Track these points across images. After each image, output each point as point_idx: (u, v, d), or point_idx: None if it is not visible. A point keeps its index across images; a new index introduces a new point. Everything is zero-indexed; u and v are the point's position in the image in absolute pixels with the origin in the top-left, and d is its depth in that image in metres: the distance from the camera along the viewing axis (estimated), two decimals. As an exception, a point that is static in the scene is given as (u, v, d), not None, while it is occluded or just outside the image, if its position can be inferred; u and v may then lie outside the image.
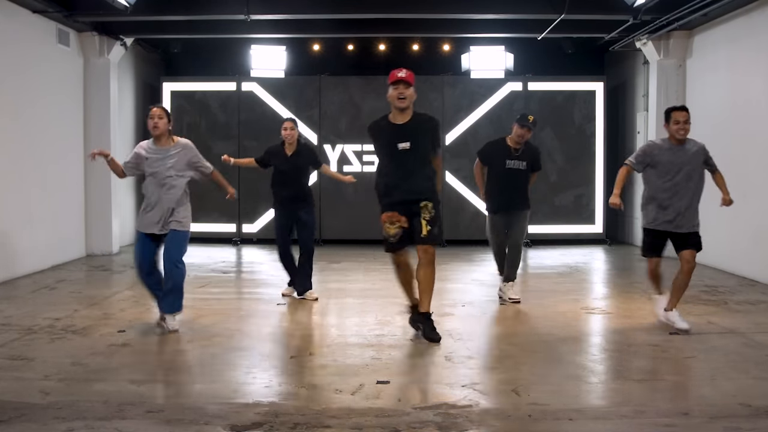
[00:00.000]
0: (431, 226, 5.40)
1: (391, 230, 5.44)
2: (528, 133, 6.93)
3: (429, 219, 5.40)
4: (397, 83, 5.45)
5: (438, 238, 5.49)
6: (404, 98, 5.45)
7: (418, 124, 5.54)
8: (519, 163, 6.92)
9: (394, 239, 5.46)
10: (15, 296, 7.30)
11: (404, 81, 5.45)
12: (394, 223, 5.43)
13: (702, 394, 4.28)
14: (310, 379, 4.56)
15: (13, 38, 8.50)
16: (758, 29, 8.34)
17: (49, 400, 4.08)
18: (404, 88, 5.44)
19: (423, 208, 5.40)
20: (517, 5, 9.61)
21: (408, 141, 5.43)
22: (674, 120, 5.89)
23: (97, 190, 10.59)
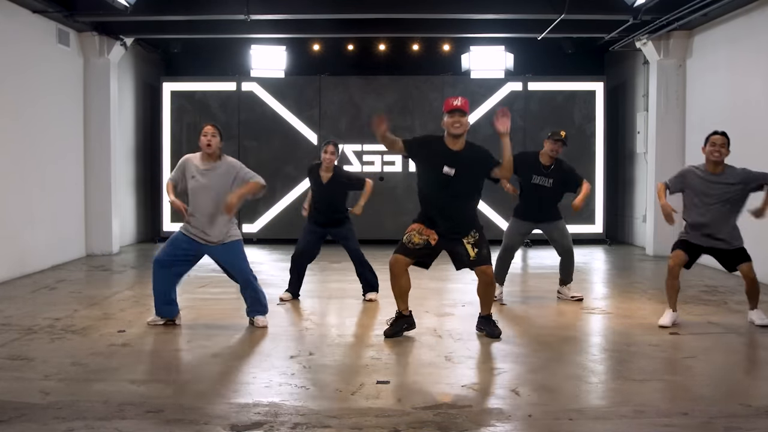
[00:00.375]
0: (478, 248, 5.46)
1: (417, 238, 5.45)
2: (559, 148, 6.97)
3: (474, 242, 5.45)
4: (453, 112, 5.41)
5: (487, 258, 5.51)
6: (459, 126, 5.41)
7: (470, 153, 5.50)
8: (545, 180, 6.96)
9: (413, 246, 5.44)
10: (15, 296, 7.30)
11: (459, 110, 5.42)
12: (422, 234, 5.45)
13: (702, 394, 4.28)
14: (310, 379, 4.56)
15: (13, 38, 8.50)
16: (758, 29, 8.34)
17: (49, 400, 4.08)
18: (460, 116, 5.41)
19: (466, 237, 5.47)
20: (517, 5, 9.61)
21: (453, 168, 5.39)
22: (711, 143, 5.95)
23: (97, 190, 10.60)
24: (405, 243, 5.48)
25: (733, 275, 8.63)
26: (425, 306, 6.85)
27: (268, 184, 7.46)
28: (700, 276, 8.63)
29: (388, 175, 11.85)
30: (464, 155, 5.46)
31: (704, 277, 8.57)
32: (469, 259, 5.47)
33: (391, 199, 11.71)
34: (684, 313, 6.42)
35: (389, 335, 5.56)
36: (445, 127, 5.48)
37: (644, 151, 11.39)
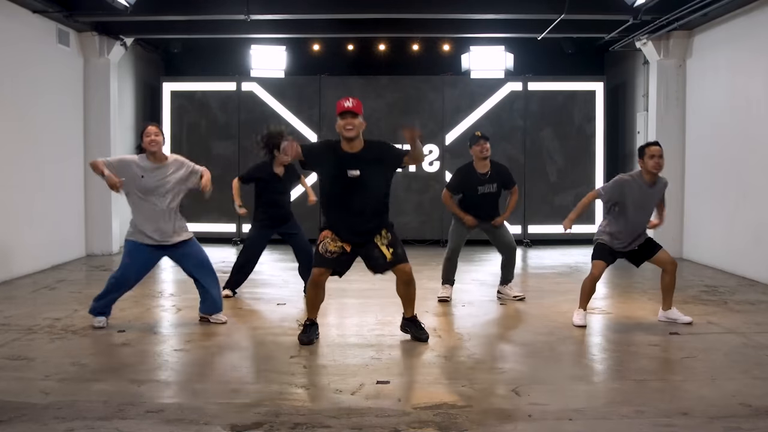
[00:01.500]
0: (393, 248, 5.36)
1: (332, 246, 5.29)
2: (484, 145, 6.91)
3: (387, 243, 5.36)
4: (345, 114, 5.21)
5: (403, 256, 5.40)
6: (352, 128, 5.22)
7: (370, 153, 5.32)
8: (490, 186, 6.94)
9: (330, 256, 5.29)
10: (15, 296, 7.30)
11: (351, 111, 5.21)
12: (336, 242, 5.31)
13: (702, 394, 4.28)
14: (310, 379, 4.56)
15: (13, 38, 8.50)
16: (758, 29, 8.34)
17: (49, 400, 4.08)
18: (351, 118, 5.21)
19: (377, 237, 5.36)
20: (517, 5, 9.61)
21: (357, 169, 5.23)
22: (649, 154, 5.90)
23: (97, 190, 10.56)
24: (322, 253, 5.30)
25: (733, 275, 8.66)
26: (425, 306, 6.84)
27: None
28: (700, 276, 8.64)
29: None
30: (364, 155, 5.29)
31: (704, 277, 8.58)
32: (386, 260, 5.34)
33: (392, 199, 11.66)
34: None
35: (306, 342, 5.38)
36: (338, 131, 5.29)
37: (644, 150, 11.37)
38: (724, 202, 9.06)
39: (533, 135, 11.99)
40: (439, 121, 12.04)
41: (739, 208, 8.79)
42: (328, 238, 5.32)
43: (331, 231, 5.35)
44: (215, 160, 11.99)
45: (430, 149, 12.01)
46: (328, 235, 5.34)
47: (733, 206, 8.91)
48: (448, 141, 11.97)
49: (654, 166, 5.87)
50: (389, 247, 5.36)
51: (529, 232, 12.03)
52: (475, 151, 6.96)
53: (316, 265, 5.38)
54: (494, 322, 6.46)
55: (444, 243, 11.77)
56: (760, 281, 8.18)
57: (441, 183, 11.97)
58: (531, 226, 12.04)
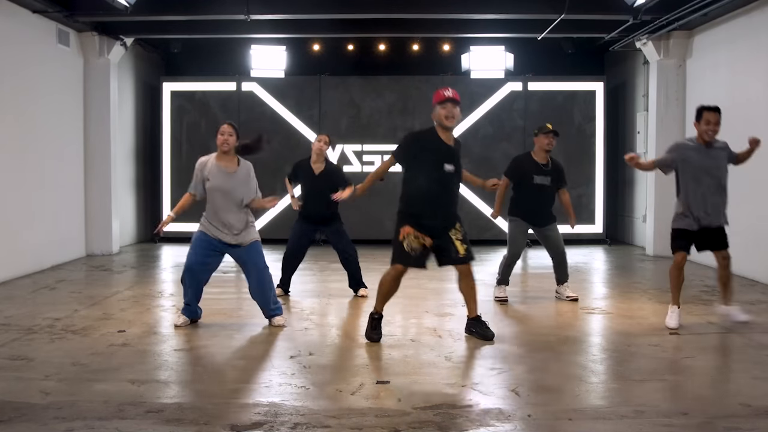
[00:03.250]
0: (466, 244, 5.45)
1: (415, 243, 5.26)
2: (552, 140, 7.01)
3: (461, 238, 5.44)
4: (445, 103, 5.24)
5: (473, 255, 5.52)
6: (453, 117, 5.27)
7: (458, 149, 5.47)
8: (545, 178, 6.98)
9: (415, 253, 5.26)
10: (15, 296, 7.30)
11: (452, 100, 5.26)
12: (418, 238, 5.27)
13: (702, 394, 4.28)
14: (310, 379, 4.56)
15: (13, 38, 8.50)
16: (758, 29, 8.34)
17: (49, 400, 4.08)
18: (452, 107, 5.24)
19: (455, 230, 5.44)
20: (517, 5, 9.61)
21: (452, 164, 5.33)
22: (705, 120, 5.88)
23: (97, 190, 10.60)
24: (407, 252, 5.24)
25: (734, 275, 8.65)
26: (425, 306, 6.85)
27: (268, 184, 7.50)
28: (700, 276, 8.64)
29: (388, 175, 11.63)
30: (456, 150, 5.43)
31: (704, 277, 8.58)
32: (458, 255, 5.39)
33: (391, 199, 11.61)
34: (684, 313, 6.41)
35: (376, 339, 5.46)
36: (437, 119, 5.30)
37: (644, 151, 11.38)
38: (724, 202, 9.05)
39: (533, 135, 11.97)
40: (439, 121, 12.01)
41: (739, 208, 8.77)
42: (411, 235, 5.24)
43: (412, 226, 5.25)
44: (215, 160, 12.00)
45: (430, 149, 12.01)
46: (411, 232, 5.24)
47: (733, 206, 8.88)
48: (448, 141, 11.95)
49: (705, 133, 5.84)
50: (463, 243, 5.43)
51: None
52: (540, 142, 7.03)
53: (399, 261, 5.32)
54: (494, 322, 6.44)
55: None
56: (760, 281, 8.18)
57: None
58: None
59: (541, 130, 7.06)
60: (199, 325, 6.01)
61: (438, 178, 5.29)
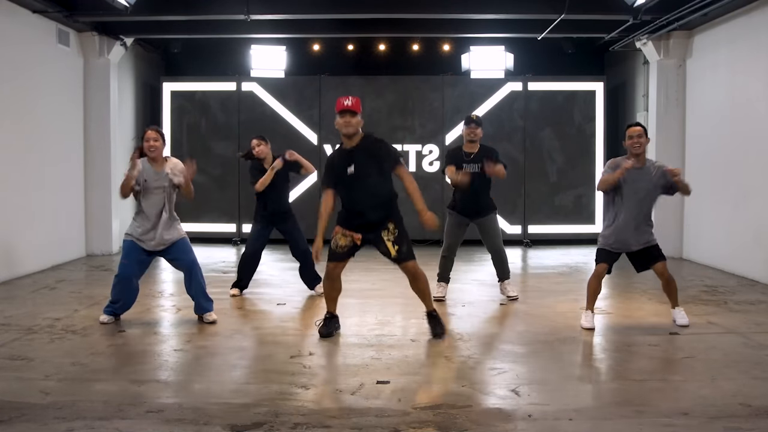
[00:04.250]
0: (398, 245, 5.48)
1: (342, 241, 5.54)
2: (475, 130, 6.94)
3: (393, 239, 5.48)
4: (344, 113, 5.44)
5: (409, 254, 5.53)
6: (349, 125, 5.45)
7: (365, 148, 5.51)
8: (474, 166, 6.91)
9: (341, 250, 5.54)
10: (15, 296, 7.30)
11: (350, 110, 5.43)
12: (347, 236, 5.52)
13: (702, 394, 4.28)
14: (310, 379, 4.56)
15: (13, 38, 8.50)
16: (758, 29, 8.34)
17: (49, 400, 4.08)
18: (350, 116, 5.43)
19: (386, 230, 5.49)
20: (517, 5, 9.61)
21: (353, 165, 5.44)
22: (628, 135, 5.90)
23: (97, 190, 10.60)
24: (333, 249, 5.56)
25: (733, 275, 8.66)
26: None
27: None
28: (700, 276, 8.64)
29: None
30: (359, 150, 5.48)
31: (704, 277, 8.58)
32: (390, 257, 5.52)
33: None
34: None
35: (325, 335, 5.62)
36: (337, 128, 5.54)
37: (644, 151, 11.38)
38: (724, 202, 9.06)
39: (533, 135, 11.98)
40: (439, 121, 12.04)
41: (739, 208, 8.79)
42: (339, 234, 5.56)
43: (341, 226, 5.57)
44: (215, 160, 12.00)
45: (430, 149, 12.02)
46: (339, 231, 5.57)
47: (733, 206, 8.91)
48: (448, 141, 11.96)
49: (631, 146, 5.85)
50: (395, 244, 5.49)
51: (529, 232, 12.03)
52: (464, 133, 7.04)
53: (328, 260, 5.63)
54: (494, 322, 6.46)
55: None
56: (760, 281, 8.18)
57: (441, 183, 11.99)
58: (531, 226, 12.04)
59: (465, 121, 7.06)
60: (199, 325, 6.01)
61: (346, 182, 5.48)
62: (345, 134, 5.49)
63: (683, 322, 5.99)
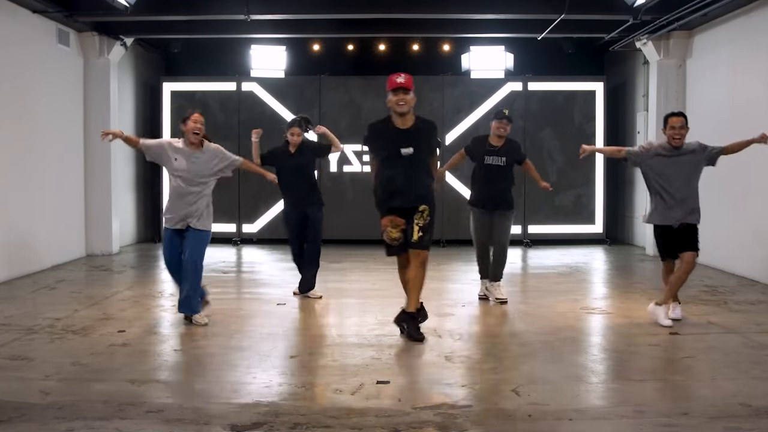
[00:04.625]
0: (423, 233, 5.46)
1: (394, 234, 5.45)
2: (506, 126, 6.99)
3: (422, 225, 5.46)
4: (397, 90, 5.46)
5: (427, 245, 5.52)
6: (404, 104, 5.48)
7: (419, 129, 5.56)
8: (498, 159, 6.97)
9: (396, 242, 5.47)
10: (15, 296, 7.30)
11: (403, 87, 5.46)
12: (396, 227, 5.44)
13: (702, 394, 4.28)
14: (310, 379, 4.56)
15: (13, 38, 8.50)
16: (758, 29, 8.34)
17: (49, 400, 4.08)
18: (404, 94, 5.46)
19: (419, 213, 5.45)
20: (517, 5, 9.61)
21: (411, 146, 5.44)
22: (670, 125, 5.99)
23: (97, 190, 10.60)
24: (389, 244, 5.50)
25: (733, 275, 8.66)
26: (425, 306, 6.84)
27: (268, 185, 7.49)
28: (700, 276, 8.64)
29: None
30: (415, 131, 5.52)
31: (704, 277, 8.58)
32: (411, 239, 5.46)
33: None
34: (684, 313, 6.42)
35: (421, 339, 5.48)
36: (390, 106, 5.54)
37: (644, 151, 11.38)
38: (724, 202, 9.06)
39: (533, 135, 11.98)
40: (439, 121, 11.97)
41: (739, 208, 8.79)
42: (388, 227, 5.44)
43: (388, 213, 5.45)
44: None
45: (430, 149, 12.02)
46: (387, 225, 5.45)
47: (733, 206, 8.90)
48: (449, 141, 11.95)
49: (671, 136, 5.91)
50: (420, 230, 5.46)
51: (529, 232, 12.03)
52: (492, 127, 7.06)
53: (389, 254, 5.60)
54: (494, 322, 6.45)
55: (444, 243, 11.82)
56: (760, 281, 8.18)
57: (441, 183, 11.97)
58: (531, 226, 12.04)
59: (496, 115, 7.11)
60: (199, 325, 6.00)
61: (397, 162, 5.45)
62: (399, 112, 5.47)
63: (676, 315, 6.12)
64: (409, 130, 5.52)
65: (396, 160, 5.45)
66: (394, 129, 5.54)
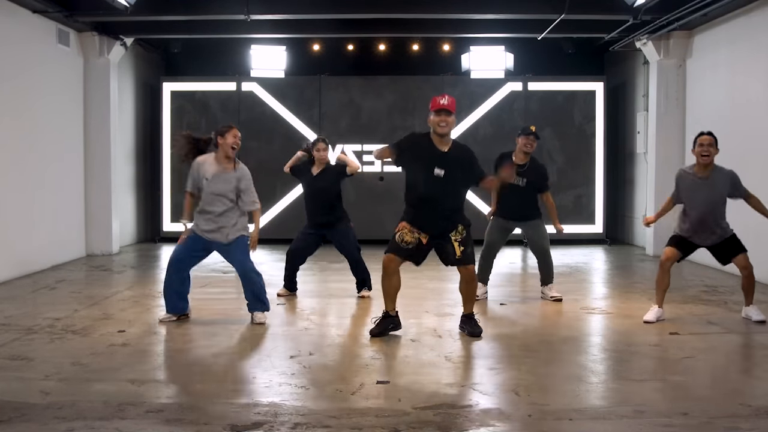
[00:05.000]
0: (464, 247, 5.51)
1: (409, 237, 5.49)
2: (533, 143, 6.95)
3: (461, 240, 5.50)
4: (440, 111, 5.44)
5: (471, 257, 5.58)
6: (446, 125, 5.47)
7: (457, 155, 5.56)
8: (519, 179, 6.86)
9: (405, 246, 5.48)
10: (15, 296, 7.30)
11: (446, 110, 5.45)
12: (413, 233, 5.48)
13: (702, 394, 4.28)
14: (310, 379, 4.56)
15: (13, 38, 8.50)
16: (758, 29, 8.34)
17: (49, 400, 4.08)
18: (446, 116, 5.45)
19: (453, 232, 5.50)
20: (517, 5, 9.61)
21: (443, 169, 5.43)
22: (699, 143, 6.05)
23: (97, 190, 10.60)
24: (398, 242, 5.51)
25: (733, 275, 8.64)
26: (425, 306, 6.85)
27: (269, 185, 7.49)
28: (700, 276, 8.64)
29: (388, 175, 11.85)
30: (452, 156, 5.51)
31: (704, 277, 8.57)
32: (455, 257, 5.52)
33: (392, 199, 11.68)
34: (684, 312, 6.42)
35: (375, 334, 5.59)
36: (431, 126, 5.52)
37: (644, 151, 11.39)
38: (724, 202, 9.05)
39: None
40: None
41: (739, 208, 8.77)
42: (406, 229, 5.50)
43: (410, 224, 5.51)
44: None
45: (430, 149, 12.02)
46: (406, 227, 5.51)
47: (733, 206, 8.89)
48: (448, 141, 11.96)
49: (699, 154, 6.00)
50: (461, 245, 5.51)
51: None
52: (519, 142, 7.01)
53: (388, 251, 5.55)
54: (494, 323, 6.45)
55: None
56: (760, 281, 8.16)
57: (441, 183, 11.98)
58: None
59: (524, 131, 7.04)
60: (199, 325, 6.01)
61: (428, 182, 5.44)
62: (439, 133, 5.47)
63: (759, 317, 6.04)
64: (447, 153, 5.52)
65: (429, 178, 5.44)
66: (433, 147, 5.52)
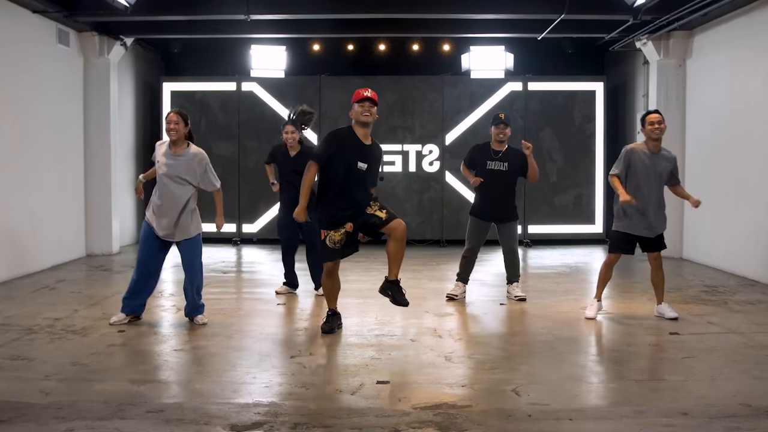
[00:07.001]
0: (385, 209, 5.55)
1: (337, 236, 5.55)
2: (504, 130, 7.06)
3: (378, 206, 5.55)
4: (363, 101, 5.54)
5: (396, 214, 5.59)
6: (369, 115, 5.56)
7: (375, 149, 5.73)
8: (500, 164, 7.04)
9: (339, 245, 5.56)
10: (15, 296, 7.30)
11: (370, 99, 5.55)
12: (338, 229, 5.53)
13: (702, 394, 4.28)
14: (310, 379, 4.56)
15: (13, 38, 8.50)
16: (758, 29, 8.34)
17: (49, 400, 4.08)
18: (370, 105, 5.55)
19: (368, 207, 5.54)
20: (517, 5, 9.61)
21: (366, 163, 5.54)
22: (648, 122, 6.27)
23: (97, 190, 10.60)
24: (330, 247, 5.55)
25: (733, 275, 8.66)
26: (425, 306, 6.85)
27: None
28: (700, 276, 8.65)
29: (388, 175, 11.85)
30: (373, 149, 5.66)
31: (704, 277, 8.58)
32: (381, 220, 5.48)
33: (392, 199, 11.70)
34: (684, 313, 6.42)
35: (328, 331, 5.72)
36: (354, 117, 5.61)
37: (644, 151, 11.38)
38: (724, 202, 9.06)
39: (533, 135, 11.96)
40: (439, 121, 12.04)
41: (739, 208, 8.79)
42: (331, 232, 5.56)
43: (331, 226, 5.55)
44: (215, 161, 11.84)
45: (430, 149, 12.02)
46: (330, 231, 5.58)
47: (733, 206, 8.91)
48: (448, 141, 11.97)
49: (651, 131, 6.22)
50: (381, 209, 5.55)
51: (529, 232, 12.04)
52: (492, 132, 7.13)
53: (326, 259, 5.65)
54: (494, 322, 6.46)
55: (444, 243, 11.83)
56: (760, 281, 8.18)
57: (441, 183, 12.00)
58: (531, 226, 12.04)
59: (494, 120, 7.16)
60: (199, 325, 6.01)
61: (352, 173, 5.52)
62: (363, 122, 5.55)
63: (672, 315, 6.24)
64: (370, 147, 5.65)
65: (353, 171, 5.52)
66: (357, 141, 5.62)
